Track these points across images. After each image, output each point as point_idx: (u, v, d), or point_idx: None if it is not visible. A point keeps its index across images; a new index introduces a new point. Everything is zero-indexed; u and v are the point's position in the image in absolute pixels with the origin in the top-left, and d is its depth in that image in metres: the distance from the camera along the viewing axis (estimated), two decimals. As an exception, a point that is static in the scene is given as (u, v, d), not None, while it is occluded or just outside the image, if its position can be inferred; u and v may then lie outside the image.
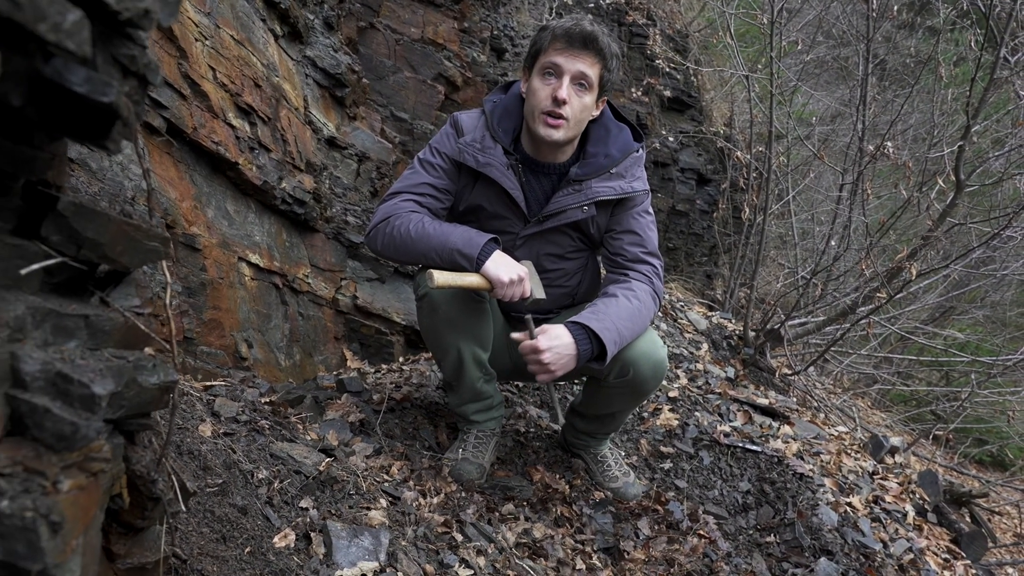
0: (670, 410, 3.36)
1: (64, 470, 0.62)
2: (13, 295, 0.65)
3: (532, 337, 2.04)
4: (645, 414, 3.31)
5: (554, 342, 2.02)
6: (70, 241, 0.70)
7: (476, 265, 2.08)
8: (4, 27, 0.42)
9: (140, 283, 0.74)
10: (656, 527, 2.57)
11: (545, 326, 2.06)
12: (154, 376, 0.74)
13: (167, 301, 0.77)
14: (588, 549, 2.33)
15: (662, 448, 3.09)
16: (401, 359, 3.56)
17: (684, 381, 3.78)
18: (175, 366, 0.79)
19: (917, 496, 3.27)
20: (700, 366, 4.05)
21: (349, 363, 3.41)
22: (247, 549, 1.21)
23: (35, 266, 0.65)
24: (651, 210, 2.40)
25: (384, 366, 3.43)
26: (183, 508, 0.90)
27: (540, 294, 2.23)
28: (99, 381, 0.65)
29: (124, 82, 0.58)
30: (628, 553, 2.37)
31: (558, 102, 2.10)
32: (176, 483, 0.90)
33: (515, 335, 2.11)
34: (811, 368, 4.79)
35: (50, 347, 0.68)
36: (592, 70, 2.12)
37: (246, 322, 2.75)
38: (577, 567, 2.14)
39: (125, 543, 0.84)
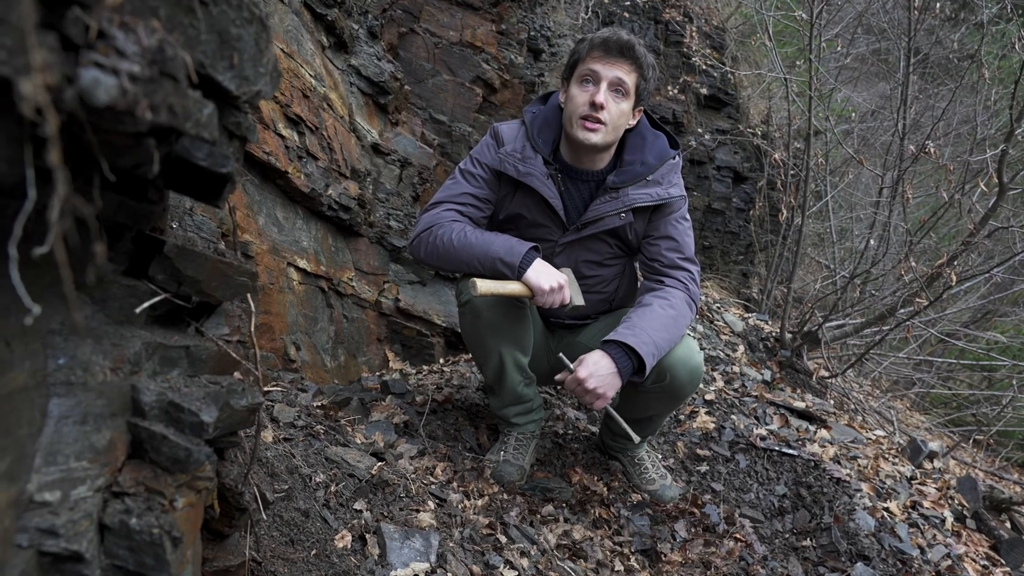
0: (706, 413, 3.39)
1: (178, 489, 0.69)
2: (129, 331, 0.73)
3: (572, 372, 2.08)
4: (682, 417, 3.35)
5: (593, 368, 2.07)
6: (172, 279, 0.77)
7: (518, 273, 2.14)
8: (163, 130, 0.50)
9: (228, 313, 0.81)
10: (693, 530, 2.61)
11: (581, 357, 2.12)
12: (244, 399, 0.82)
13: (251, 329, 0.85)
14: (626, 551, 2.38)
15: (698, 451, 3.12)
16: (442, 360, 3.64)
17: (720, 384, 3.80)
18: (260, 389, 0.86)
19: (956, 502, 3.26)
20: (736, 369, 4.07)
21: (391, 364, 3.50)
22: (313, 552, 1.29)
23: (147, 304, 0.73)
24: (688, 216, 2.44)
25: (425, 367, 3.52)
26: (263, 517, 0.98)
27: (579, 301, 2.29)
28: (205, 409, 0.73)
29: (229, 144, 0.66)
30: (665, 555, 2.42)
31: (596, 106, 2.15)
32: (258, 493, 0.98)
33: (557, 377, 2.16)
34: (849, 370, 4.77)
35: (158, 376, 0.76)
36: (629, 77, 2.18)
37: (294, 325, 2.85)
38: (616, 568, 2.20)
39: (213, 548, 0.92)
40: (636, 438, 2.22)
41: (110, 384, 0.67)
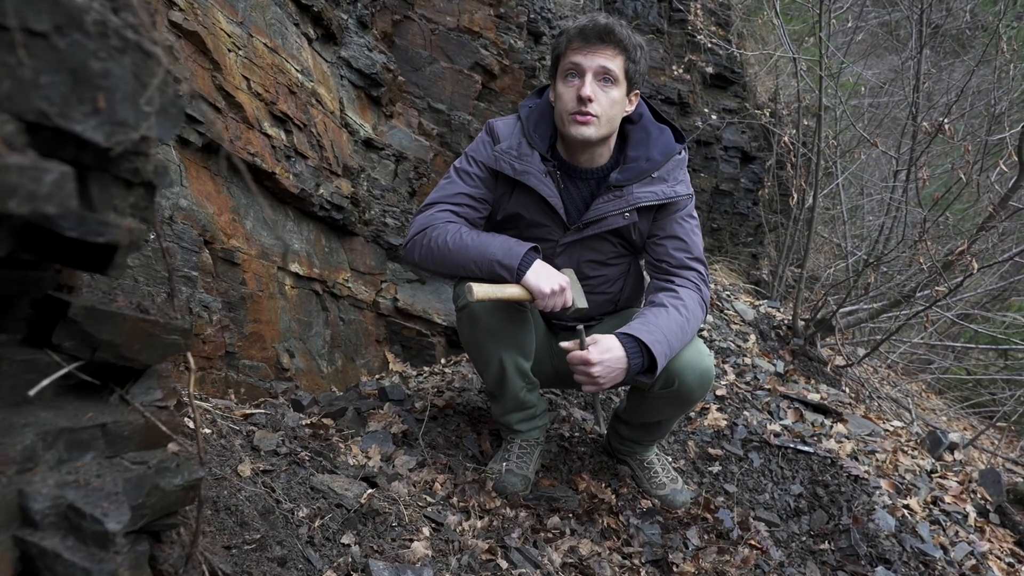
0: (718, 409, 3.28)
1: (80, 611, 0.59)
2: (23, 417, 0.62)
3: (583, 347, 1.97)
4: (693, 414, 3.24)
5: (606, 355, 1.96)
6: (84, 345, 0.66)
7: (516, 276, 2.03)
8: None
9: (162, 373, 0.71)
10: (705, 537, 2.50)
11: (596, 336, 2.00)
12: (177, 477, 0.71)
13: (190, 390, 0.74)
14: (636, 563, 2.28)
15: (710, 450, 3.01)
16: (443, 360, 3.54)
17: (732, 377, 3.68)
18: (200, 461, 0.75)
19: (979, 496, 3.15)
20: (748, 360, 3.95)
21: (391, 366, 3.40)
22: (288, 609, 1.19)
23: (44, 383, 0.62)
24: (695, 214, 2.31)
25: (426, 368, 3.41)
26: (215, 601, 0.88)
27: (582, 303, 2.17)
28: (114, 512, 0.62)
29: (128, 194, 0.54)
30: (677, 566, 2.31)
31: (583, 100, 2.03)
32: (207, 572, 0.87)
33: (564, 344, 2.04)
34: (865, 359, 4.64)
35: (64, 465, 0.65)
36: (614, 63, 2.04)
37: (287, 332, 2.74)
38: (625, 585, 2.09)
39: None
40: (603, 429, 2.08)
41: (-11, 493, 0.57)
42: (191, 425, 1.34)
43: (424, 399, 2.77)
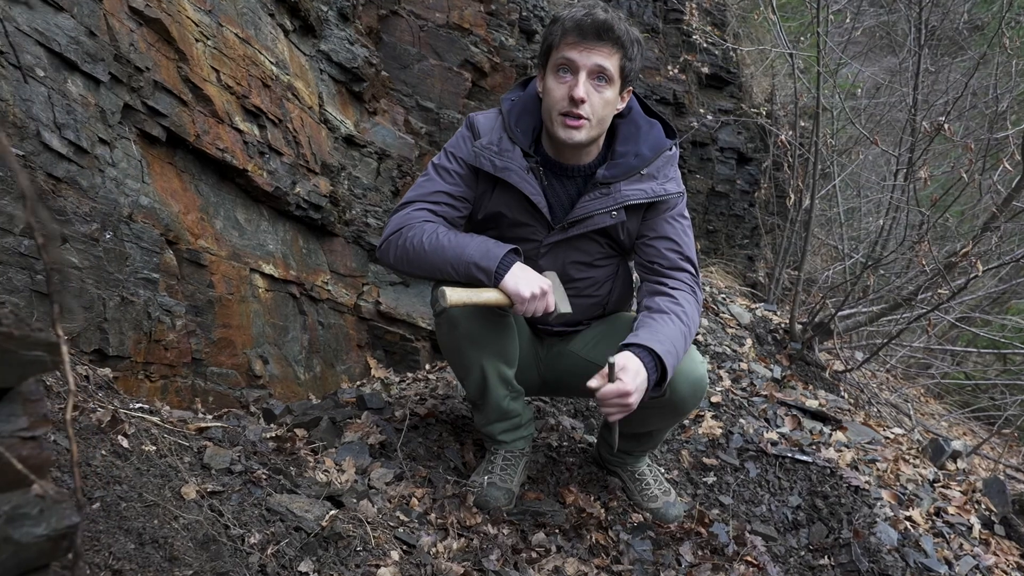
0: (713, 417, 3.16)
1: None
2: None
3: (612, 380, 1.77)
4: (687, 422, 3.12)
5: (638, 379, 1.79)
6: (-86, 364, 0.54)
7: (495, 279, 1.90)
8: None
9: (28, 396, 0.59)
10: (699, 553, 2.38)
11: (623, 362, 1.80)
12: (40, 525, 0.58)
13: (67, 417, 0.62)
14: (625, 581, 2.16)
15: (705, 459, 2.89)
16: (427, 366, 3.41)
17: (727, 383, 3.56)
18: (77, 502, 0.62)
19: (983, 506, 3.03)
20: (744, 365, 3.83)
21: (373, 372, 3.27)
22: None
23: None
24: (686, 213, 2.19)
25: (410, 375, 3.28)
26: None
27: (565, 307, 2.03)
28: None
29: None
30: (669, 585, 2.19)
31: (575, 102, 1.89)
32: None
33: (591, 383, 1.80)
34: (864, 364, 4.53)
35: None
36: (610, 62, 1.90)
37: (260, 337, 2.61)
38: (613, 607, 1.97)
39: None
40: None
41: None
42: (125, 444, 1.22)
43: (404, 407, 2.64)
